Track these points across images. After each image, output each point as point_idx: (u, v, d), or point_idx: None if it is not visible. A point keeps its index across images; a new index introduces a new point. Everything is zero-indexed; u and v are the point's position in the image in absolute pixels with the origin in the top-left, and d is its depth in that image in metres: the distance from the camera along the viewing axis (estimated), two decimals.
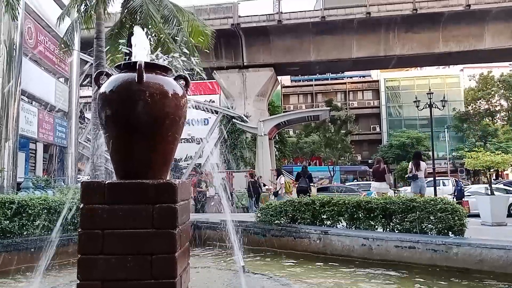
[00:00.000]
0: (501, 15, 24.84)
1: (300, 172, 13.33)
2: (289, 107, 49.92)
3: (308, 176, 12.89)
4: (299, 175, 13.05)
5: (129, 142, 2.43)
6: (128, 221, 2.28)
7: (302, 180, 12.60)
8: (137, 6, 10.29)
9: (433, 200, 5.09)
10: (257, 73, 28.00)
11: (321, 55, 27.72)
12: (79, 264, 2.25)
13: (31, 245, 4.64)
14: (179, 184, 2.38)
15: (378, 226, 5.26)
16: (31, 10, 13.39)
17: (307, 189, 12.03)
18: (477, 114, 39.48)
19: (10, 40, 11.24)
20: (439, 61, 31.20)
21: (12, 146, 11.03)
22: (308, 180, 12.58)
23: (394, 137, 41.81)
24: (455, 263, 4.13)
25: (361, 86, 53.27)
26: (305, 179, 12.59)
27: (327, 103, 37.66)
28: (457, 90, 46.12)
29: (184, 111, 2.58)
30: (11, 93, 11.15)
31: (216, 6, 27.65)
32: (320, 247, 5.12)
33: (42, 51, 14.34)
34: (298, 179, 12.87)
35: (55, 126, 15.11)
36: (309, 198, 6.00)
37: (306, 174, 12.96)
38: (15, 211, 4.83)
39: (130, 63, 2.50)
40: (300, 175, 12.93)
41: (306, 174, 12.90)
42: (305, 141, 40.54)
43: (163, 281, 2.24)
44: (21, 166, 13.17)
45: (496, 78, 39.58)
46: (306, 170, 13.43)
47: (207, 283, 3.73)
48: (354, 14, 26.21)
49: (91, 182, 2.36)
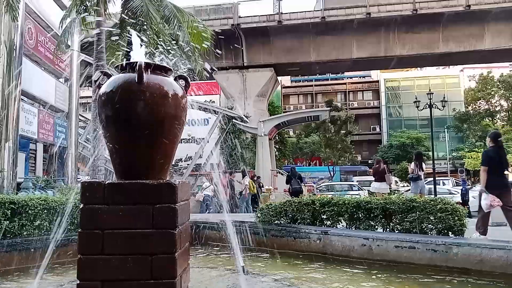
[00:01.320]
0: (501, 15, 24.85)
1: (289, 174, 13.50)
2: (289, 108, 49.96)
3: (299, 177, 13.14)
4: (290, 177, 13.21)
5: (129, 142, 2.43)
6: (128, 221, 2.29)
7: (294, 181, 12.78)
8: (137, 7, 10.30)
9: (433, 200, 5.09)
10: (257, 73, 28.02)
11: (321, 55, 27.74)
12: (79, 264, 2.25)
13: (31, 245, 4.64)
14: (179, 184, 2.39)
15: (378, 226, 5.27)
16: (32, 10, 13.40)
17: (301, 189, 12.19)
18: (477, 115, 39.49)
19: (11, 40, 11.24)
20: (439, 61, 31.21)
21: (12, 146, 11.03)
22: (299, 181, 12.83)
23: (394, 138, 41.84)
24: (455, 263, 4.13)
25: (361, 86, 53.31)
26: (296, 180, 12.80)
27: (327, 104, 37.68)
28: (457, 90, 46.17)
29: (184, 111, 2.59)
30: (11, 93, 11.15)
31: (216, 7, 27.67)
32: (320, 247, 5.12)
33: (42, 51, 14.35)
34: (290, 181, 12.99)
35: (55, 126, 15.12)
36: (309, 198, 6.01)
37: (296, 175, 13.17)
38: (15, 211, 4.83)
39: (130, 64, 2.51)
40: (291, 177, 13.08)
41: (296, 175, 13.10)
42: (305, 141, 40.57)
43: (163, 281, 2.24)
44: (21, 167, 13.17)
45: (496, 79, 39.59)
46: (295, 171, 13.63)
47: (207, 283, 3.74)
48: (354, 15, 26.23)
49: (91, 182, 2.37)
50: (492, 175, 5.69)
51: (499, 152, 5.90)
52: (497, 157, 5.79)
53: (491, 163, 5.77)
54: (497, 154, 5.83)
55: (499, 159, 5.79)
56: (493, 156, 5.83)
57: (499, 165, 5.79)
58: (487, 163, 5.79)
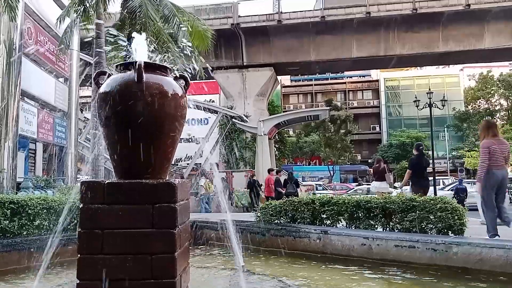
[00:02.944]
0: (501, 14, 24.83)
1: (286, 178, 14.55)
2: (289, 107, 49.94)
3: (295, 182, 14.15)
4: (286, 181, 14.23)
5: (128, 142, 2.43)
6: (128, 220, 2.29)
7: (289, 185, 13.77)
8: (136, 7, 10.30)
9: (433, 199, 5.08)
10: (257, 73, 27.98)
11: (321, 55, 27.71)
12: (79, 264, 2.25)
13: (31, 245, 4.63)
14: (179, 184, 2.39)
15: (378, 226, 5.27)
16: (31, 10, 13.38)
17: (295, 193, 12.80)
18: (476, 114, 39.50)
19: (10, 40, 11.23)
20: (439, 60, 31.19)
21: (11, 146, 11.03)
22: (295, 185, 13.79)
23: (394, 137, 41.85)
24: (455, 263, 4.12)
25: (361, 85, 53.29)
26: (292, 185, 13.76)
27: (327, 103, 37.69)
28: (456, 89, 46.17)
29: (184, 111, 2.58)
30: (11, 93, 11.15)
31: (215, 6, 27.64)
32: (320, 247, 5.12)
33: (41, 51, 14.34)
34: (286, 185, 13.98)
35: (54, 126, 15.11)
36: (309, 198, 6.01)
37: (293, 180, 14.21)
38: (15, 211, 4.83)
39: (130, 63, 2.50)
40: (287, 181, 14.11)
41: (292, 180, 14.13)
42: (305, 140, 40.58)
43: (163, 281, 2.24)
44: (21, 166, 13.17)
45: (495, 78, 39.59)
46: (292, 176, 14.65)
47: (206, 282, 3.74)
48: (354, 14, 26.20)
49: (90, 182, 2.36)
50: (417, 177, 7.43)
51: (421, 158, 7.73)
52: (419, 163, 7.62)
53: (415, 168, 7.53)
54: (420, 161, 7.67)
55: (421, 165, 7.60)
56: (416, 162, 7.64)
57: (421, 169, 7.56)
58: (412, 168, 7.63)
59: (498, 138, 5.66)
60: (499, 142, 5.56)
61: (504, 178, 5.50)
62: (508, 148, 5.65)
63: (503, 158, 5.49)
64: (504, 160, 5.52)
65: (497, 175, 5.41)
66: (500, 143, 5.57)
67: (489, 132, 5.67)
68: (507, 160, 5.60)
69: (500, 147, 5.50)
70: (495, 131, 5.70)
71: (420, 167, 7.61)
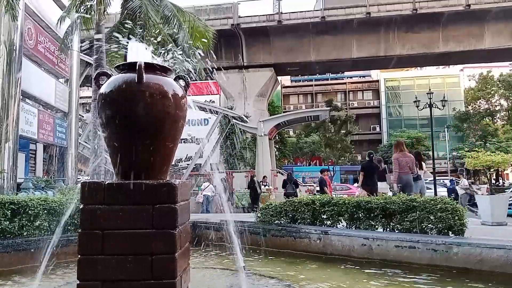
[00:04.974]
0: (501, 15, 24.86)
1: (285, 179, 14.86)
2: (289, 107, 49.96)
3: (294, 182, 14.44)
4: (285, 182, 14.51)
5: (128, 142, 2.43)
6: (128, 221, 2.28)
7: (289, 186, 14.08)
8: (136, 7, 10.30)
9: (433, 199, 5.08)
10: (257, 73, 28.02)
11: (321, 55, 27.74)
12: (79, 265, 2.25)
13: (31, 246, 4.64)
14: (179, 185, 2.39)
15: (378, 226, 5.26)
16: (31, 11, 13.39)
17: (294, 194, 13.01)
18: (477, 114, 39.50)
19: (10, 41, 11.23)
20: (439, 61, 31.24)
21: (12, 147, 11.03)
22: (294, 186, 14.12)
23: (394, 137, 41.79)
24: (455, 263, 4.12)
25: (361, 86, 53.30)
26: (291, 185, 14.06)
27: (327, 103, 37.68)
28: (457, 90, 46.18)
29: (184, 111, 2.58)
30: (11, 94, 11.15)
31: (216, 7, 27.67)
32: (320, 247, 5.12)
33: (42, 51, 14.34)
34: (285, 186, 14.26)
35: (55, 126, 15.11)
36: (309, 198, 6.01)
37: (292, 180, 14.52)
38: (15, 211, 4.83)
39: (130, 64, 2.50)
40: (287, 182, 14.40)
41: (292, 181, 14.42)
42: (305, 141, 40.57)
43: (163, 281, 2.24)
44: (21, 167, 13.18)
45: (495, 78, 39.58)
46: (291, 177, 14.94)
47: (207, 283, 3.74)
48: (354, 14, 26.24)
49: (90, 182, 2.36)
50: (367, 179, 9.10)
51: (371, 164, 9.45)
52: (369, 168, 9.32)
53: (366, 171, 9.22)
54: (369, 166, 9.39)
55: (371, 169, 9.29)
56: (367, 167, 9.38)
57: (371, 172, 9.20)
58: (363, 171, 9.31)
59: (404, 153, 8.24)
60: (405, 156, 8.16)
61: (408, 180, 7.98)
62: (412, 160, 8.17)
63: (408, 167, 8.02)
64: (408, 169, 8.01)
65: (403, 178, 7.95)
66: (405, 156, 8.15)
67: (398, 149, 8.33)
68: (410, 168, 8.05)
69: (405, 159, 8.06)
70: (402, 148, 8.38)
71: (369, 171, 9.26)
